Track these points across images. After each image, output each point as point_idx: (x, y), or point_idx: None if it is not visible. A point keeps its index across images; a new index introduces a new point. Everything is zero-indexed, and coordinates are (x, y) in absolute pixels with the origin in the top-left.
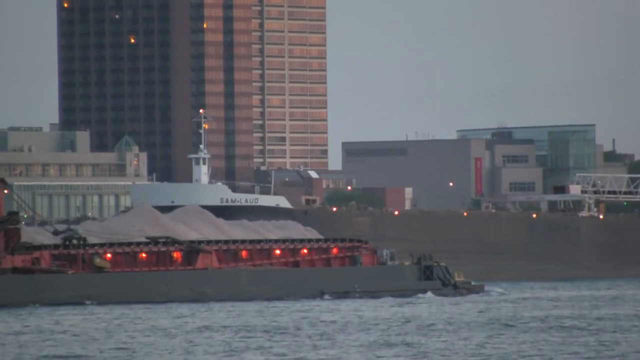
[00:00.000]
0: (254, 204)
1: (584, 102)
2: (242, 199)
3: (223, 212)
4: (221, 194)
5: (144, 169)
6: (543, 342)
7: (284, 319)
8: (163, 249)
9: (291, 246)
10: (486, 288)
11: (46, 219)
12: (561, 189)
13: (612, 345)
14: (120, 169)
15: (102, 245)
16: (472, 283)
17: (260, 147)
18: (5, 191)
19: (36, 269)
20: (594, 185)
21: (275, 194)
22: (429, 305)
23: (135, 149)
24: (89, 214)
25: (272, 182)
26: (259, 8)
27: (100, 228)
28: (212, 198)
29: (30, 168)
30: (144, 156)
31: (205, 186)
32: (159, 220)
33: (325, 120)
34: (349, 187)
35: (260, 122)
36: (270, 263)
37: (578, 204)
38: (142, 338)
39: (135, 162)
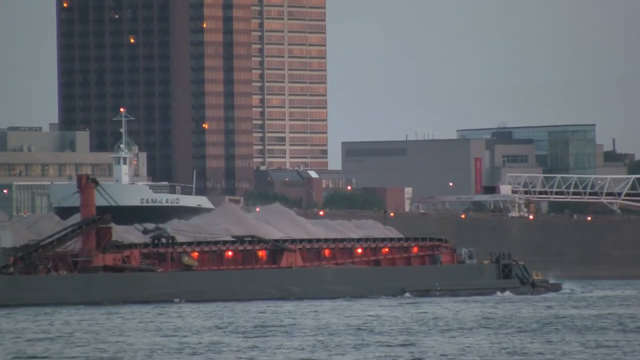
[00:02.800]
0: (175, 204)
1: (584, 102)
2: (163, 199)
3: (143, 212)
4: (141, 194)
5: (143, 169)
6: None
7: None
8: (249, 247)
9: (373, 245)
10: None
11: None
12: (491, 189)
13: None
14: None
15: (190, 244)
16: (550, 282)
17: (260, 147)
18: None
19: (126, 267)
20: (524, 186)
21: (196, 193)
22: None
23: (135, 149)
24: None
25: (194, 182)
26: (258, 8)
27: (188, 227)
28: (132, 198)
29: (30, 168)
30: (143, 156)
31: (125, 186)
32: (243, 219)
33: (325, 120)
34: (349, 187)
35: (260, 122)
36: (352, 262)
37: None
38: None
39: (134, 162)
